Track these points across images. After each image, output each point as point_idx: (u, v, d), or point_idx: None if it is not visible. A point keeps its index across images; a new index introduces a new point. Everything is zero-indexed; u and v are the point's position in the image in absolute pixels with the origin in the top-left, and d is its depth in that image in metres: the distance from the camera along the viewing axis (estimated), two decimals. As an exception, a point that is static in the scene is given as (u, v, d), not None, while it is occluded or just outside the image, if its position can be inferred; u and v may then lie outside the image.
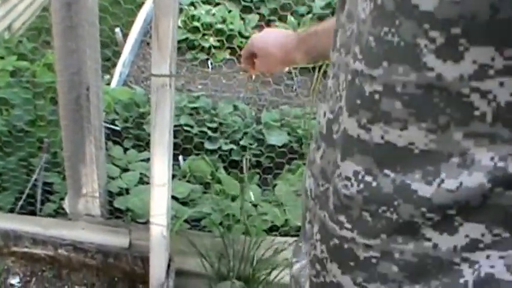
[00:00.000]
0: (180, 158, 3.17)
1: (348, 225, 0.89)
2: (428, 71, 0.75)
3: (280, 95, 3.97)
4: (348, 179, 0.88)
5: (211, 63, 4.58)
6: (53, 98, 2.92)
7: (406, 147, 0.80)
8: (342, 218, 0.90)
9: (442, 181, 0.79)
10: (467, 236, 0.81)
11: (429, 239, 0.83)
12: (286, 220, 2.80)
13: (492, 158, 0.76)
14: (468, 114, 0.75)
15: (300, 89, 4.18)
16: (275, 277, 2.67)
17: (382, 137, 0.82)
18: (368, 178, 0.85)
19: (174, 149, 2.27)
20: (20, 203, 2.86)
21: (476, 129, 0.76)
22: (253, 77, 2.76)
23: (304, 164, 3.10)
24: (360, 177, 0.86)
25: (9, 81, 3.05)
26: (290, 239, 2.70)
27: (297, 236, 2.67)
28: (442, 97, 0.75)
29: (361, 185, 0.86)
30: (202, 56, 4.58)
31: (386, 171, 0.82)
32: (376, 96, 0.81)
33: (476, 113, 0.74)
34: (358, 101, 0.84)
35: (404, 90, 0.78)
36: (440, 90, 0.75)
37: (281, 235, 2.76)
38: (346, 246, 0.91)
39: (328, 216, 0.94)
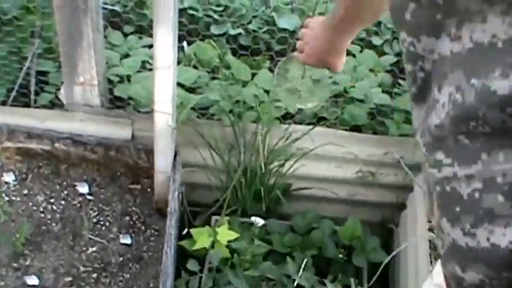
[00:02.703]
0: (185, 43, 2.97)
1: (447, 160, 0.85)
2: None
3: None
4: (443, 106, 0.85)
5: None
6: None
7: (490, 42, 0.77)
8: (439, 154, 0.86)
9: None
10: None
11: None
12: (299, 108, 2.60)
13: None
14: None
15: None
16: (289, 168, 2.59)
17: (471, 39, 0.79)
18: (457, 95, 0.81)
19: (178, 33, 2.14)
20: (13, 94, 2.68)
21: None
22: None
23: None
24: (452, 98, 0.83)
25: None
26: (305, 128, 2.56)
27: (313, 124, 2.52)
28: None
29: (450, 105, 0.83)
30: None
31: (472, 80, 0.79)
32: None
33: None
34: None
35: None
36: None
37: (295, 123, 2.61)
38: (448, 188, 0.86)
39: (427, 163, 0.91)
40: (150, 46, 2.64)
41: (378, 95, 2.67)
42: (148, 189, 2.59)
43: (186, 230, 2.41)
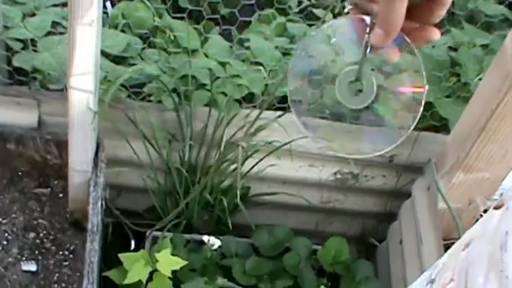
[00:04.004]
0: (108, 3, 2.52)
1: None
2: None
3: None
4: None
5: None
6: None
7: None
8: None
9: None
10: None
11: None
12: (266, 86, 2.13)
13: None
14: None
15: None
16: (251, 168, 2.12)
17: None
18: None
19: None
20: None
21: None
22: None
23: (280, 11, 2.46)
24: None
25: None
26: (272, 114, 2.04)
27: (283, 108, 2.01)
28: None
29: None
30: None
31: None
32: None
33: None
34: None
35: None
36: None
37: (260, 107, 2.10)
38: None
39: None
40: (64, 4, 2.19)
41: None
42: (61, 195, 2.13)
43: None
